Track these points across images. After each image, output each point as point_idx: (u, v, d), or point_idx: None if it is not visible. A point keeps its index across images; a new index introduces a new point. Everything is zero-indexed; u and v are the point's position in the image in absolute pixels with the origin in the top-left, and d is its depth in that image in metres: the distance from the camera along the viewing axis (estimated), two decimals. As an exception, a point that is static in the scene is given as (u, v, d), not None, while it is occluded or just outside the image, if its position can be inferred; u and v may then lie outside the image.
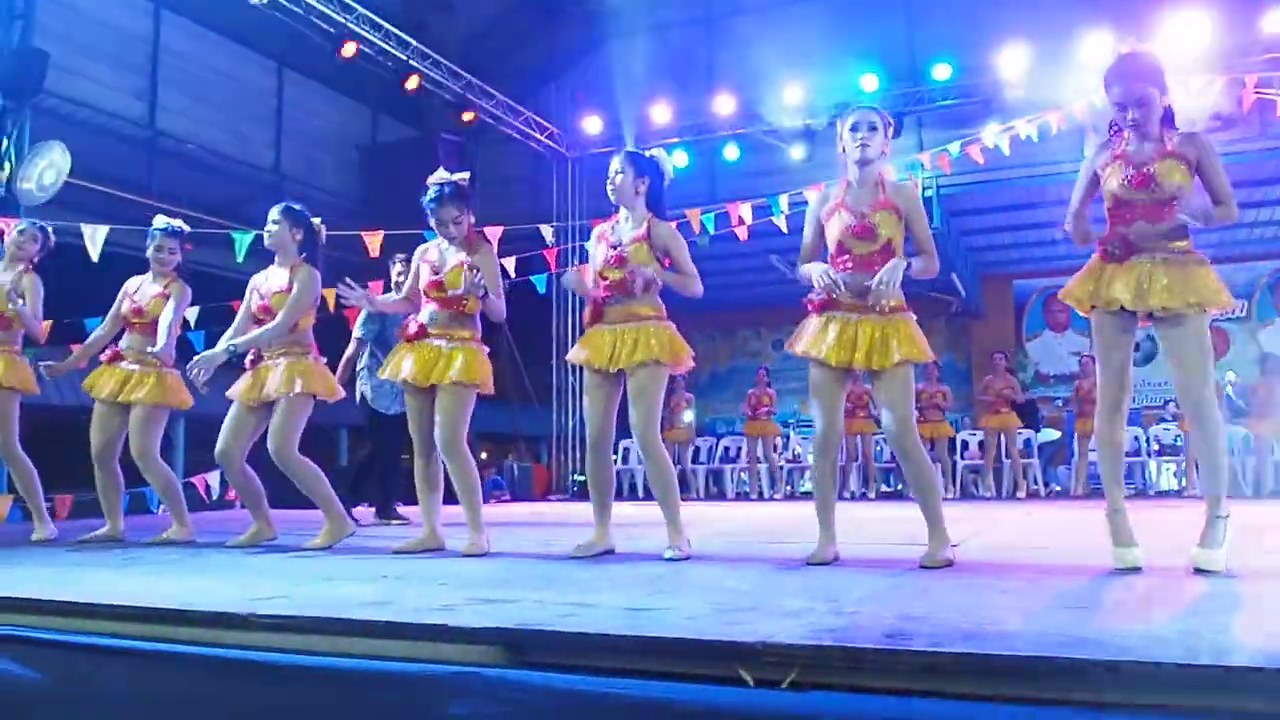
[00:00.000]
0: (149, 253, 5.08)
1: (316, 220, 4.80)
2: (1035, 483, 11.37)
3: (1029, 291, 17.34)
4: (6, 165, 9.14)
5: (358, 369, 6.69)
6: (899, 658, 1.82)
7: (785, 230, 10.52)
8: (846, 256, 3.59)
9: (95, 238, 7.73)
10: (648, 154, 4.18)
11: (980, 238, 15.78)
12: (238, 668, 2.25)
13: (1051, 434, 13.63)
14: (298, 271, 4.64)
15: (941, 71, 12.20)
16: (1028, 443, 11.64)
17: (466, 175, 4.35)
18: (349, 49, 11.15)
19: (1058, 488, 12.03)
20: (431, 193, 4.25)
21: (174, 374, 4.98)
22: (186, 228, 5.25)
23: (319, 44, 11.50)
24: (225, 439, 4.62)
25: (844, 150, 3.65)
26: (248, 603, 2.50)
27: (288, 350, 4.58)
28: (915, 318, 3.61)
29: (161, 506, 5.44)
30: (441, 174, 4.31)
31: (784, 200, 10.65)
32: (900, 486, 12.11)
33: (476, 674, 2.02)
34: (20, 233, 5.35)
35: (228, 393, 4.66)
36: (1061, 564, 3.61)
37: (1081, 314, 3.41)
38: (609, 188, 4.08)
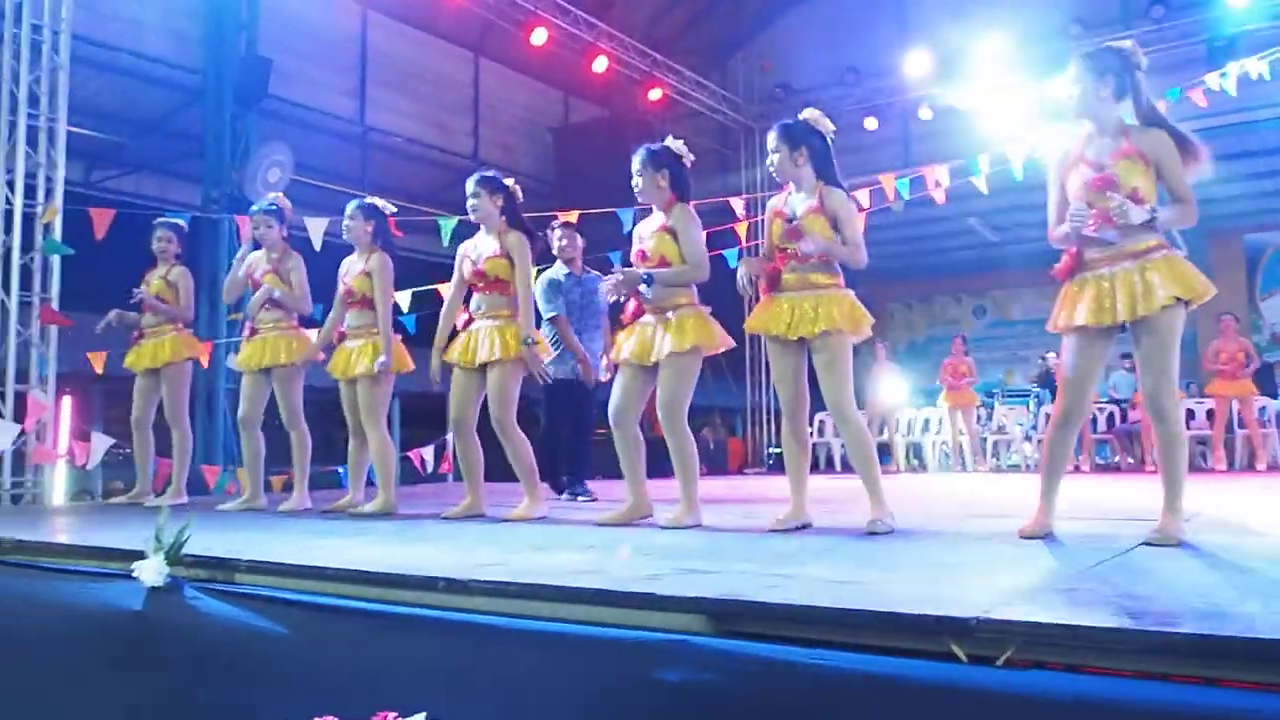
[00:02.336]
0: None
1: (510, 181, 4.90)
2: (1275, 454, 10.46)
3: (1263, 246, 15.93)
4: (237, 166, 9.94)
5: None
6: (1126, 637, 1.73)
7: (985, 191, 10.07)
8: (1092, 212, 3.36)
9: (316, 229, 8.27)
10: (801, 118, 4.04)
11: (1203, 189, 14.59)
12: (458, 629, 2.38)
13: (1292, 400, 12.49)
14: (506, 237, 4.76)
15: (1155, 13, 11.35)
16: (1264, 410, 10.71)
17: (676, 143, 4.36)
18: (539, 35, 11.45)
19: (1301, 458, 11.03)
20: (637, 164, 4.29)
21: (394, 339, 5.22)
22: (387, 205, 5.45)
23: (511, 32, 11.87)
24: (458, 405, 4.82)
25: (1086, 94, 3.35)
26: (467, 569, 2.64)
27: (496, 314, 4.75)
28: (1185, 253, 3.27)
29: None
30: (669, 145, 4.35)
31: (983, 160, 10.19)
32: (1117, 459, 11.44)
33: (683, 642, 2.06)
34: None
35: (445, 356, 4.86)
36: (1307, 541, 3.32)
37: None
38: (770, 168, 4.01)
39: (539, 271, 6.43)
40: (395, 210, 5.55)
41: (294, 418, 5.55)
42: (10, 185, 7.19)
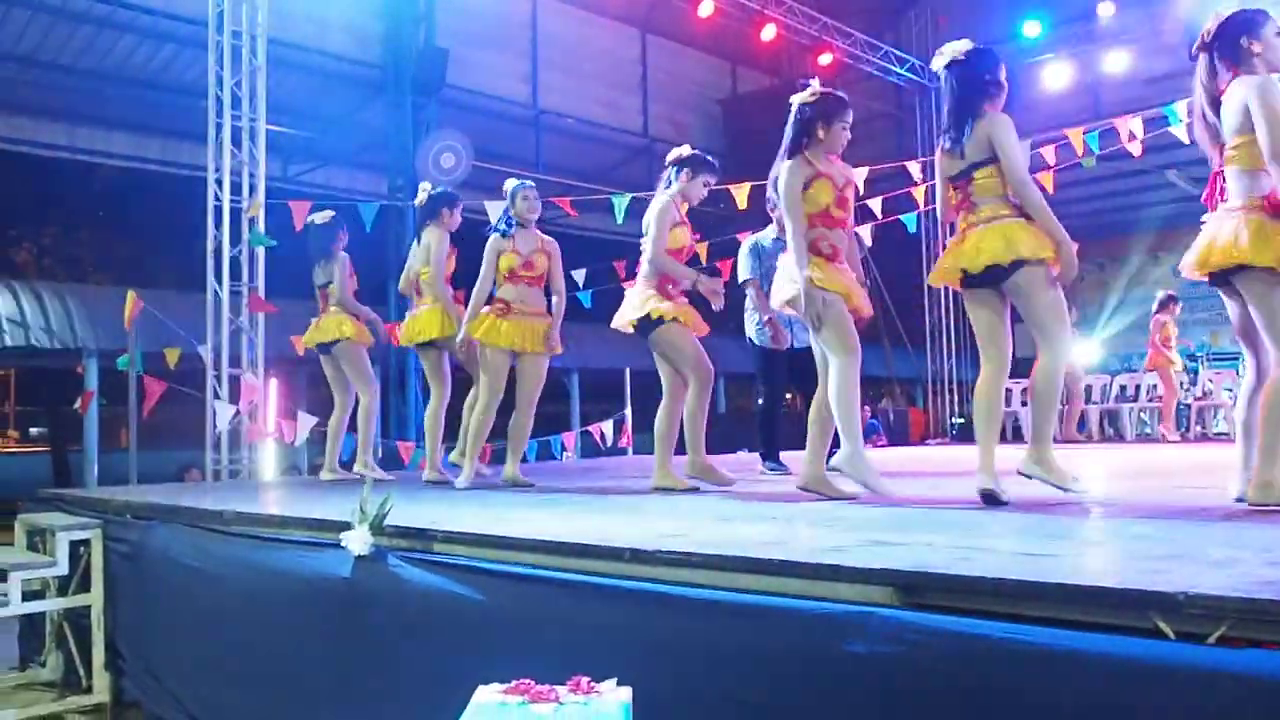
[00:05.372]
0: None
1: (675, 154, 4.94)
2: None
3: None
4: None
5: (745, 312, 6.25)
6: (1356, 615, 1.60)
7: (1186, 141, 9.38)
8: None
9: (495, 213, 8.53)
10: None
11: None
12: (643, 598, 2.44)
13: None
14: None
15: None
16: None
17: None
18: (707, 7, 11.41)
19: None
20: None
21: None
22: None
23: (678, 6, 11.88)
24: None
25: None
26: (652, 540, 2.69)
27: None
28: None
29: (567, 454, 5.91)
30: None
31: (1181, 107, 9.48)
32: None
33: (871, 614, 2.05)
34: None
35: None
36: None
37: None
38: None
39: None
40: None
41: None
42: (219, 183, 7.75)
